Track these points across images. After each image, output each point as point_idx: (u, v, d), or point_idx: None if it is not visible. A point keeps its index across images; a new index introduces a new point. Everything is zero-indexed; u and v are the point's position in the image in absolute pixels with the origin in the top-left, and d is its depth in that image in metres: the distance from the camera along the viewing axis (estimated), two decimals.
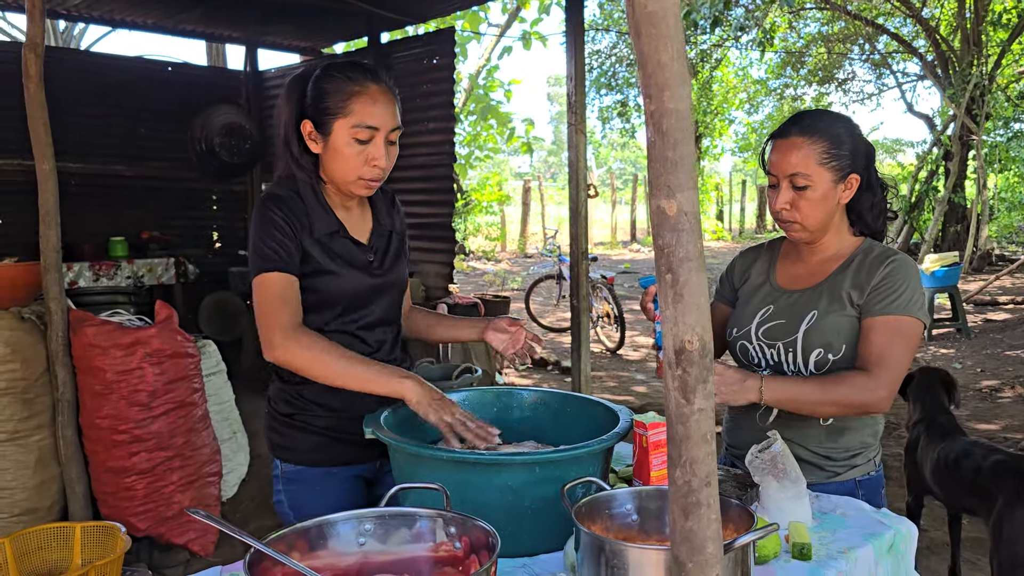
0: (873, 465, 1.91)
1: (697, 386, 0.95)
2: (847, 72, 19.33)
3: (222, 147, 7.13)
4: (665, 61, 0.91)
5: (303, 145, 1.77)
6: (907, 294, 1.76)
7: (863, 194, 1.84)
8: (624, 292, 11.81)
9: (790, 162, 1.77)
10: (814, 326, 1.81)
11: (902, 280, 1.77)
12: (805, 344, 1.82)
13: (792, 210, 1.80)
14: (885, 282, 1.78)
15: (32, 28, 3.37)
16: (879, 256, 1.83)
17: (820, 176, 1.77)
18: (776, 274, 1.98)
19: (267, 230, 1.73)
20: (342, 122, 1.71)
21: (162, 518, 3.46)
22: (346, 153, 1.72)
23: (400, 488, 1.35)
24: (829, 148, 1.77)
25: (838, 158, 1.77)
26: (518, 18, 12.61)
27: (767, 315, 1.90)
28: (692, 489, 0.96)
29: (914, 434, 3.35)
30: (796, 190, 1.78)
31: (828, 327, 1.80)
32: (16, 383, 3.38)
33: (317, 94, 1.73)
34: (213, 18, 6.83)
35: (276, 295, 1.71)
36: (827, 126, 1.78)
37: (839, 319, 1.80)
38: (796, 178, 1.77)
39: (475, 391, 1.82)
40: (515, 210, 21.29)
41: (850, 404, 1.74)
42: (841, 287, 1.83)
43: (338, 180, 1.77)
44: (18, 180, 6.33)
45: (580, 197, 4.89)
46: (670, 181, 0.93)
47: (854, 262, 1.85)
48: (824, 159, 1.77)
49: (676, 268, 0.93)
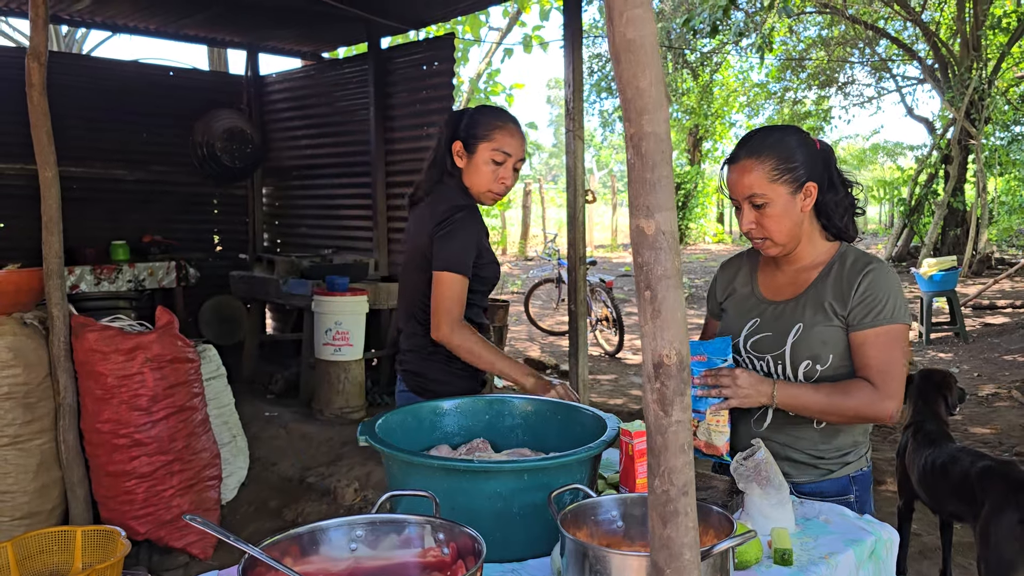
0: (865, 461, 1.96)
1: (675, 399, 0.99)
2: (847, 76, 19.37)
3: (223, 151, 7.18)
4: (644, 87, 0.95)
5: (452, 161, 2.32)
6: (891, 302, 1.81)
7: (826, 196, 1.88)
8: (623, 295, 11.84)
9: (744, 184, 1.83)
10: (800, 339, 1.85)
11: (883, 289, 1.81)
12: (793, 357, 1.86)
13: (759, 228, 1.85)
14: (868, 294, 1.82)
15: (36, 36, 3.41)
16: (856, 265, 1.86)
17: (775, 192, 1.82)
18: (759, 284, 2.01)
19: (471, 239, 2.24)
20: (485, 145, 2.27)
21: (162, 522, 3.50)
22: (484, 170, 2.28)
23: (391, 495, 1.39)
24: (778, 164, 1.81)
25: (789, 171, 1.82)
26: (519, 22, 12.65)
27: (754, 327, 1.94)
28: (670, 498, 1.00)
29: (904, 439, 3.39)
30: (756, 209, 1.83)
31: (814, 339, 1.84)
32: (18, 388, 3.42)
33: (471, 122, 2.30)
34: (215, 23, 6.88)
35: (458, 294, 2.19)
36: (774, 143, 1.83)
37: (824, 331, 1.84)
38: (753, 198, 1.83)
39: (467, 399, 1.86)
40: (516, 213, 21.33)
41: (861, 416, 1.80)
42: (823, 298, 1.86)
43: (475, 190, 2.32)
44: (20, 185, 6.38)
45: (578, 203, 4.92)
46: (649, 201, 0.96)
47: (832, 271, 1.88)
48: (775, 175, 1.81)
49: (654, 285, 0.97)
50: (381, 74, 6.56)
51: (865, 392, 1.77)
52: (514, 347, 8.80)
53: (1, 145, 6.40)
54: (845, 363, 1.84)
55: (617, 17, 0.95)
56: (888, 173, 27.59)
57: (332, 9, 5.83)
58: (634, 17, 0.95)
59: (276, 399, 6.27)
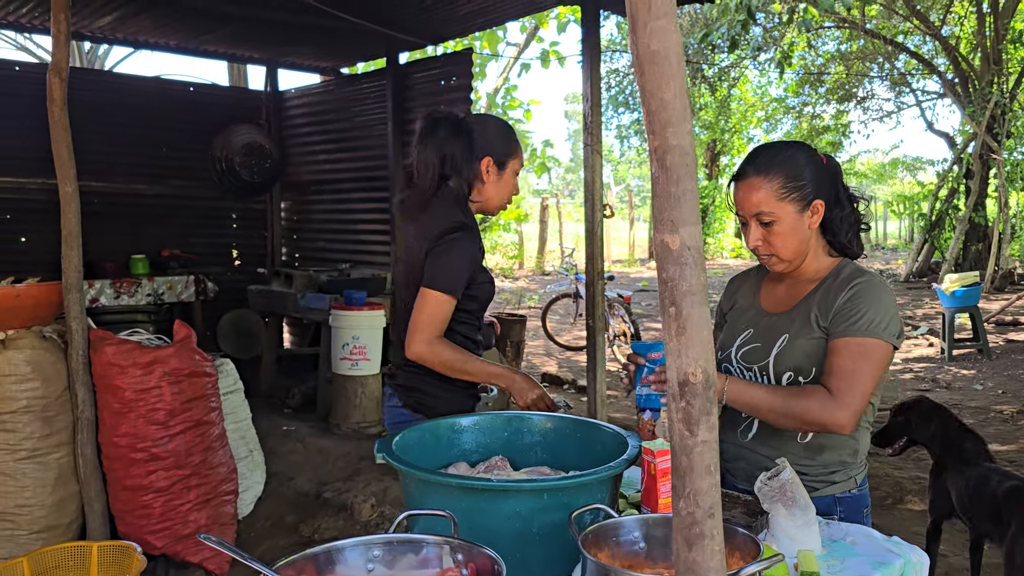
0: (854, 483, 1.91)
1: (701, 418, 0.96)
2: (866, 90, 19.27)
3: (242, 166, 7.22)
4: (668, 99, 0.93)
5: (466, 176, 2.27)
6: (870, 315, 1.77)
7: (832, 212, 1.87)
8: (641, 310, 11.79)
9: (752, 202, 1.82)
10: (784, 350, 1.86)
11: (864, 302, 1.79)
12: (776, 367, 1.86)
13: (766, 244, 1.85)
14: (848, 304, 1.80)
15: (57, 52, 3.44)
16: (846, 279, 1.85)
17: (783, 210, 1.81)
18: (761, 297, 2.02)
19: (467, 260, 2.20)
20: (514, 161, 2.34)
21: (178, 536, 3.48)
22: (511, 183, 2.36)
23: (408, 514, 1.37)
24: (786, 182, 1.80)
25: (797, 189, 1.81)
26: (536, 38, 12.69)
27: (747, 338, 1.95)
28: (696, 520, 0.97)
29: (940, 459, 3.32)
30: (764, 226, 1.83)
31: (797, 350, 1.84)
32: (37, 401, 3.43)
33: (498, 139, 2.31)
34: (235, 39, 6.94)
35: (441, 313, 2.16)
36: (782, 160, 1.82)
37: (808, 342, 1.84)
38: (761, 216, 1.82)
39: (486, 416, 1.84)
40: (533, 227, 21.33)
41: (808, 420, 1.76)
42: (810, 309, 1.86)
43: (494, 203, 2.37)
44: (42, 199, 6.44)
45: (596, 217, 4.90)
46: (673, 216, 0.94)
47: (824, 285, 1.88)
48: (783, 193, 1.80)
49: (679, 301, 0.95)
50: (399, 89, 6.59)
51: (818, 397, 1.74)
52: (531, 362, 8.77)
53: (23, 160, 6.47)
54: None
55: (641, 28, 0.93)
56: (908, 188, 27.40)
57: (351, 25, 5.86)
58: (658, 28, 0.93)
59: (293, 413, 6.27)
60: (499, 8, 5.87)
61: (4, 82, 6.52)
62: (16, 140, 6.43)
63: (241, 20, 6.11)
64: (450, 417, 1.82)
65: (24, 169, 6.51)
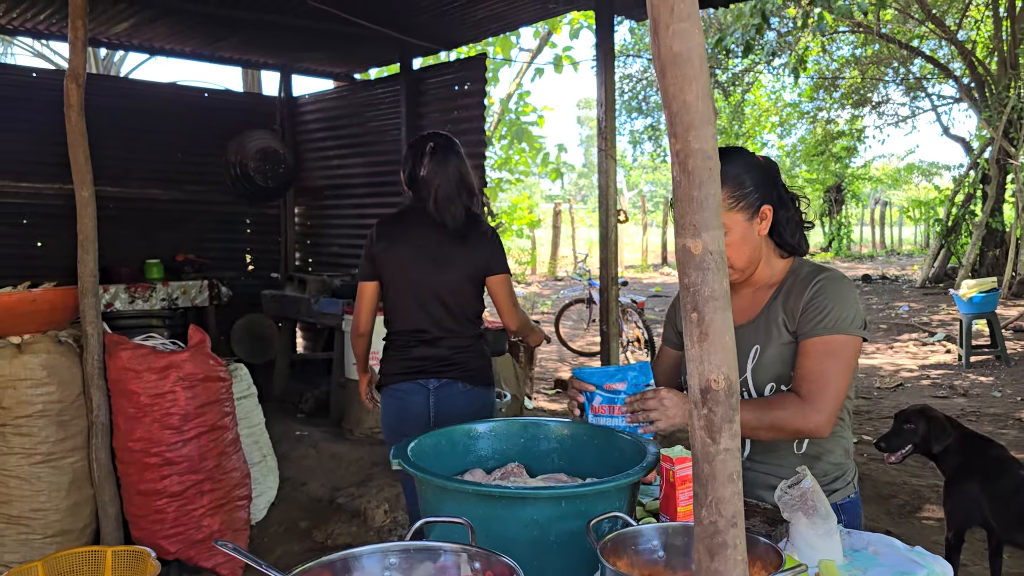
0: (852, 488, 1.90)
1: (723, 425, 0.95)
2: (881, 95, 19.18)
3: (256, 171, 7.24)
4: (690, 101, 0.92)
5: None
6: (835, 312, 1.75)
7: (778, 213, 1.85)
8: (654, 316, 11.75)
9: None
10: (760, 362, 1.82)
11: (828, 299, 1.76)
12: (755, 381, 1.83)
13: None
14: (812, 303, 1.78)
15: (75, 58, 3.46)
16: (806, 278, 1.82)
17: (732, 220, 1.78)
18: None
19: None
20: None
21: (192, 541, 3.49)
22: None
23: (425, 521, 1.36)
24: (732, 192, 1.77)
25: (744, 197, 1.78)
26: (549, 43, 12.69)
27: None
28: (718, 529, 0.95)
29: (960, 467, 3.28)
30: None
31: (773, 360, 1.81)
32: (52, 405, 3.44)
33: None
34: (250, 45, 6.97)
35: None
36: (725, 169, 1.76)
37: (781, 350, 1.81)
38: None
39: (501, 422, 1.82)
40: (545, 233, 21.32)
41: (784, 429, 1.75)
42: (776, 316, 1.83)
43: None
44: (58, 204, 6.48)
45: (610, 222, 4.89)
46: (696, 220, 0.93)
47: (784, 288, 1.85)
48: (731, 203, 1.77)
49: (702, 307, 0.93)
50: (413, 94, 6.59)
51: (790, 405, 1.73)
52: (544, 367, 8.75)
53: (39, 165, 6.52)
54: None
55: (663, 30, 0.92)
56: (923, 193, 27.22)
57: (365, 31, 5.88)
58: (680, 30, 0.91)
59: (306, 418, 6.27)
60: (513, 14, 5.87)
61: (21, 88, 6.58)
62: (33, 145, 6.48)
63: (255, 26, 6.13)
64: (465, 423, 1.81)
65: (41, 174, 6.56)
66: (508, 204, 18.06)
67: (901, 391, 7.56)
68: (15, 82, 6.64)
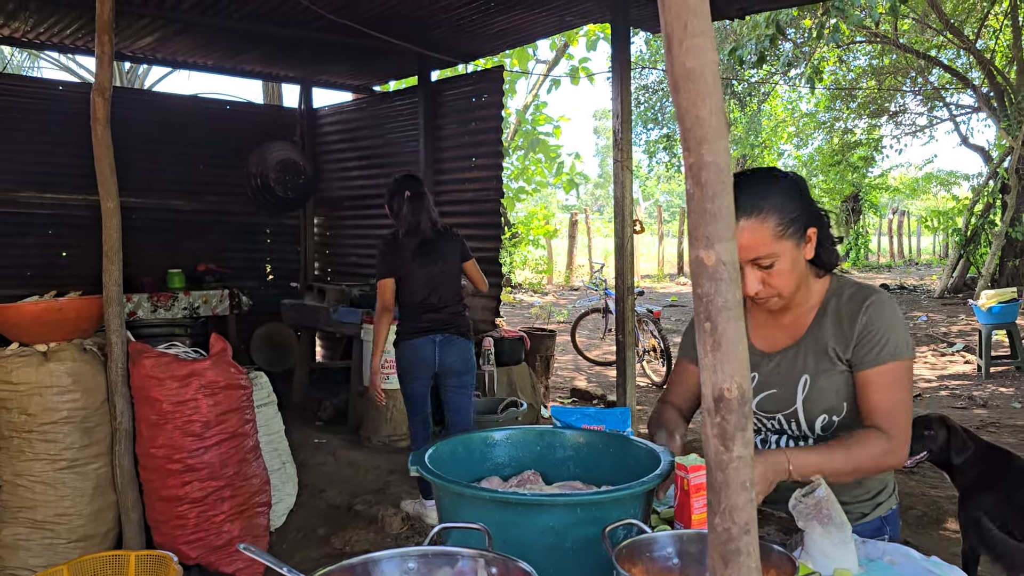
0: (894, 500, 1.89)
1: (736, 433, 0.97)
2: (899, 105, 19.08)
3: (277, 182, 7.32)
4: (703, 116, 0.94)
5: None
6: (892, 338, 1.70)
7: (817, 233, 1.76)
8: (671, 326, 11.73)
9: (746, 247, 1.65)
10: (811, 392, 1.75)
11: (883, 325, 1.71)
12: (807, 413, 1.77)
13: (766, 288, 1.70)
14: (868, 332, 1.71)
15: (101, 73, 3.53)
16: (853, 300, 1.75)
17: (782, 248, 1.67)
18: (750, 335, 1.86)
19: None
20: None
21: (212, 547, 3.53)
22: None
23: (443, 527, 1.38)
24: (780, 219, 1.66)
25: (792, 222, 1.67)
26: (566, 55, 12.75)
27: (754, 385, 1.81)
28: (731, 536, 0.97)
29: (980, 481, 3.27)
30: (762, 269, 1.68)
31: (826, 390, 1.75)
32: (77, 412, 3.50)
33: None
34: (271, 58, 7.06)
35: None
36: (770, 197, 1.66)
37: (832, 380, 1.74)
38: (759, 260, 1.67)
39: (518, 430, 1.84)
40: (562, 243, 21.35)
41: (879, 469, 1.73)
42: (825, 343, 1.75)
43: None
44: (83, 215, 6.59)
45: (626, 232, 4.91)
46: (708, 232, 0.95)
47: (828, 310, 1.77)
48: (779, 232, 1.66)
49: (715, 317, 0.95)
50: (431, 106, 6.65)
51: (879, 443, 1.66)
52: (561, 376, 8.76)
53: (65, 176, 6.63)
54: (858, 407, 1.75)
55: (676, 45, 0.94)
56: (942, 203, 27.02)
57: (384, 44, 5.94)
58: (694, 46, 0.94)
59: (325, 426, 6.32)
60: (530, 27, 5.92)
61: (48, 101, 6.70)
62: (58, 157, 6.60)
63: (276, 40, 6.22)
64: (483, 431, 1.83)
65: (65, 185, 6.67)
66: (525, 214, 18.11)
67: (919, 402, 7.51)
68: (42, 95, 6.77)
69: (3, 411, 3.46)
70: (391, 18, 5.57)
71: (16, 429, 3.44)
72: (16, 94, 6.67)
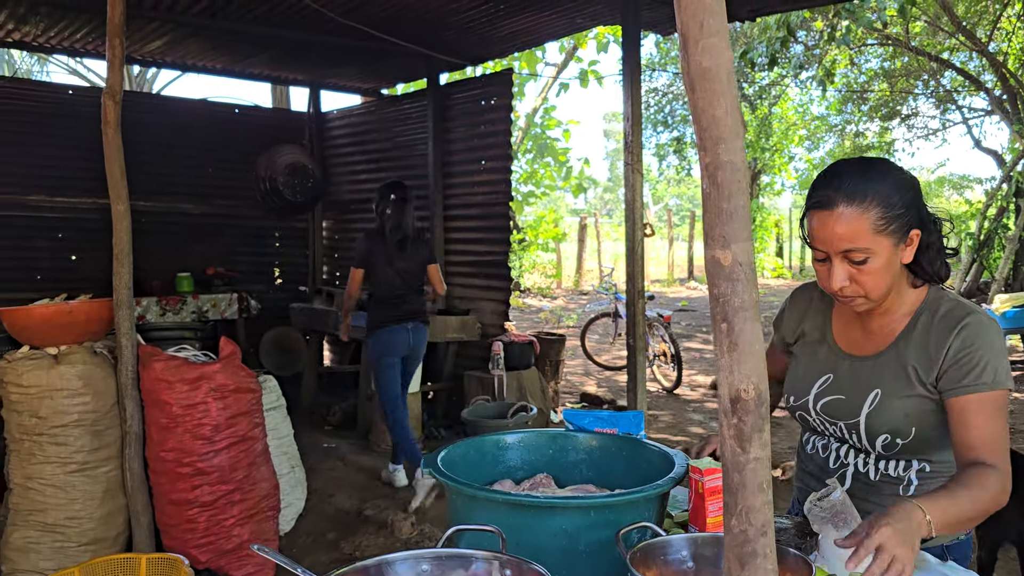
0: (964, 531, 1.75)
1: (753, 435, 0.95)
2: (911, 108, 19.00)
3: (285, 186, 7.34)
4: (719, 115, 0.93)
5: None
6: (993, 363, 1.55)
7: (924, 238, 1.61)
8: (681, 330, 11.69)
9: (841, 236, 1.52)
10: (877, 408, 1.64)
11: (983, 349, 1.56)
12: (869, 429, 1.66)
13: (853, 285, 1.56)
14: (965, 355, 1.56)
15: (112, 76, 3.54)
16: (947, 319, 1.60)
17: (879, 244, 1.52)
18: (833, 332, 1.77)
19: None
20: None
21: (222, 551, 3.52)
22: None
23: (456, 529, 1.37)
24: (884, 212, 1.51)
25: (896, 218, 1.53)
26: (575, 57, 12.75)
27: (826, 385, 1.73)
28: (748, 538, 0.96)
29: None
30: (854, 264, 1.54)
31: (893, 411, 1.63)
32: (87, 415, 3.50)
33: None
34: (279, 62, 7.08)
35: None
36: (876, 186, 1.52)
37: (906, 401, 1.62)
38: (852, 253, 1.53)
39: (531, 433, 1.83)
40: (571, 247, 21.32)
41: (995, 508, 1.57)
42: (906, 360, 1.63)
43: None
44: (93, 218, 6.62)
45: (636, 236, 4.89)
46: (725, 231, 0.94)
47: (918, 325, 1.64)
48: (881, 226, 1.51)
49: (731, 317, 0.94)
50: (440, 109, 6.66)
51: (989, 482, 1.51)
52: (570, 381, 8.74)
53: (74, 180, 6.67)
54: (929, 433, 1.63)
55: (692, 46, 0.94)
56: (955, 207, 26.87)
57: (392, 47, 5.95)
58: (710, 46, 0.93)
59: (334, 431, 6.32)
60: (539, 29, 5.92)
61: (58, 105, 6.73)
62: (69, 161, 6.63)
63: (285, 43, 6.24)
64: (495, 434, 1.82)
65: (75, 188, 6.71)
66: (533, 218, 18.10)
67: None
68: (52, 99, 6.81)
69: (14, 414, 3.46)
70: (400, 20, 5.57)
71: (27, 432, 3.44)
72: (26, 98, 6.72)
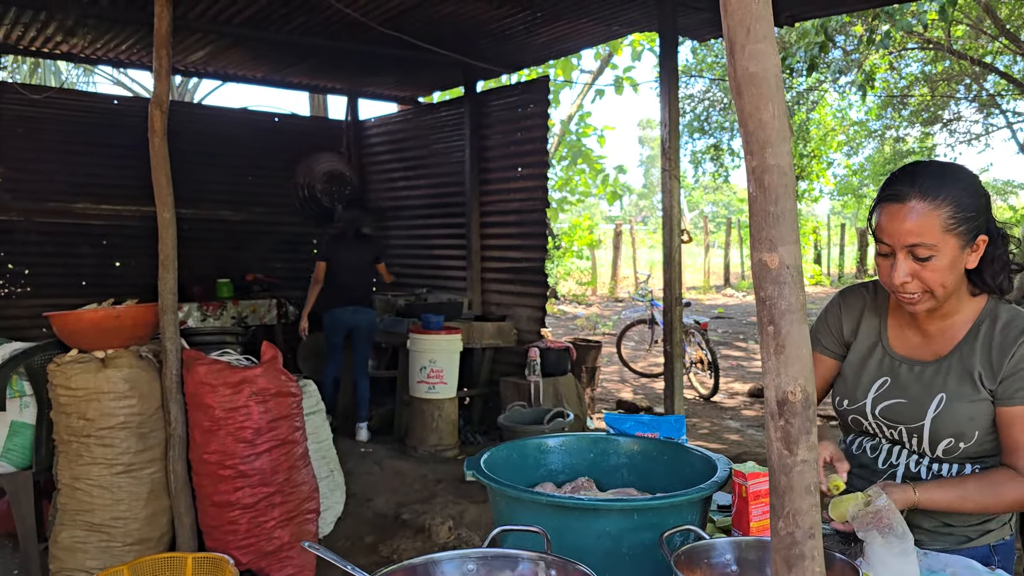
0: (1009, 529, 1.76)
1: (800, 437, 0.96)
2: (952, 112, 18.69)
3: (323, 193, 7.44)
4: (766, 119, 0.94)
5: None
6: None
7: (990, 249, 1.64)
8: (717, 338, 11.61)
9: (909, 230, 1.54)
10: (943, 413, 1.65)
11: None
12: (933, 433, 1.67)
13: (915, 281, 1.59)
14: (1022, 364, 1.60)
15: (159, 86, 3.62)
16: (1008, 329, 1.63)
17: (946, 243, 1.55)
18: (889, 336, 1.78)
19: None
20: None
21: (263, 553, 3.57)
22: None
23: (501, 530, 1.38)
24: (956, 211, 1.54)
25: (967, 220, 1.55)
26: (610, 64, 12.74)
27: (884, 389, 1.74)
28: (795, 541, 0.96)
29: None
30: (918, 260, 1.57)
31: (959, 415, 1.64)
32: (133, 418, 3.57)
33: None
34: (318, 71, 7.18)
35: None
36: (951, 186, 1.56)
37: (970, 407, 1.64)
38: (918, 249, 1.55)
39: (572, 436, 1.84)
40: (606, 254, 21.28)
41: (1006, 510, 1.66)
42: (971, 366, 1.65)
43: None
44: (137, 226, 6.76)
45: (674, 242, 4.88)
46: (772, 235, 0.95)
47: (981, 332, 1.66)
48: (950, 225, 1.54)
49: (778, 320, 0.95)
50: (477, 117, 6.70)
51: (1012, 484, 1.59)
52: (606, 388, 8.71)
53: (119, 188, 6.82)
54: (990, 438, 1.66)
55: (739, 51, 0.94)
56: (999, 212, 26.37)
57: (430, 55, 6.01)
58: (757, 51, 0.94)
59: (371, 435, 6.36)
60: (576, 36, 5.94)
61: (104, 115, 6.89)
62: (113, 170, 6.78)
63: (324, 52, 6.33)
64: (537, 437, 1.83)
65: (119, 196, 6.86)
66: (568, 225, 18.10)
67: None
68: (98, 109, 6.98)
69: (62, 416, 3.55)
70: (438, 29, 5.63)
71: (75, 434, 3.52)
72: (73, 108, 6.89)
